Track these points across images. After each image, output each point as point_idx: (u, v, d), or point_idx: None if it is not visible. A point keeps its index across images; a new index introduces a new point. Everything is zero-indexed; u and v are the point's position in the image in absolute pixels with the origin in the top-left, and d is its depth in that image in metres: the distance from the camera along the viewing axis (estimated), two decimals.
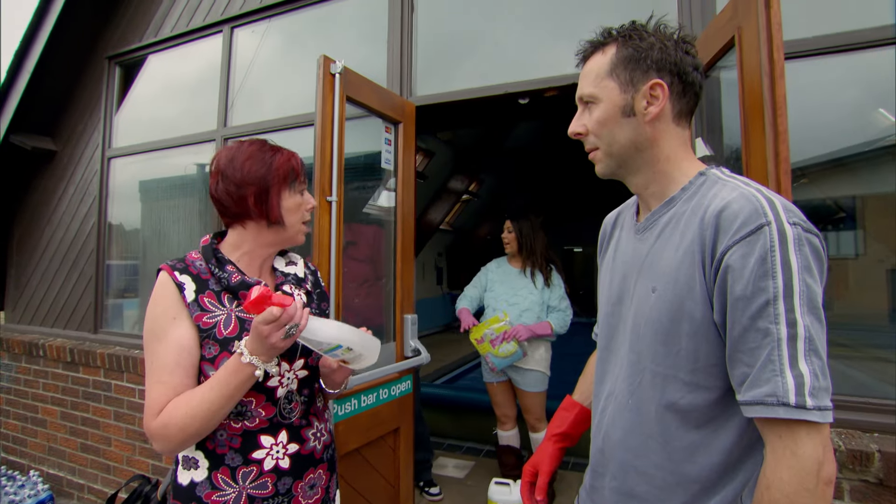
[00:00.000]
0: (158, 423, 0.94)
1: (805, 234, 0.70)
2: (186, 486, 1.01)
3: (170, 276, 1.02)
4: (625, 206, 1.06)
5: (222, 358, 0.98)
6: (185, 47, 3.20)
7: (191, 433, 0.93)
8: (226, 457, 1.00)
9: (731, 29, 1.37)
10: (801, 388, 0.65)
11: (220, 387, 0.93)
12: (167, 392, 0.95)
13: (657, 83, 0.83)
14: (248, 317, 1.04)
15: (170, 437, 0.93)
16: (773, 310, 0.67)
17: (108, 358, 2.97)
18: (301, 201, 1.11)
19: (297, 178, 1.09)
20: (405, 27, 2.42)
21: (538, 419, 2.76)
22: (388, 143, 2.18)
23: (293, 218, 1.09)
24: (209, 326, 1.00)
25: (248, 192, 1.04)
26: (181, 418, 0.93)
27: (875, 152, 1.76)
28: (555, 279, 2.80)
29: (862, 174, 1.80)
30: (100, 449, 3.07)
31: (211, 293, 1.03)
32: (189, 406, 0.93)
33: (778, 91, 1.19)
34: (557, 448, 1.11)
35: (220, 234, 1.14)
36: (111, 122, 3.40)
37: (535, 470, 1.09)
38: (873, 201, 1.89)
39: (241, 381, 0.94)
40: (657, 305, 0.81)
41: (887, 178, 1.77)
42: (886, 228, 1.78)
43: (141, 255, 3.29)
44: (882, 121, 1.77)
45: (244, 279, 1.04)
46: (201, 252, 1.07)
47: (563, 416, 1.14)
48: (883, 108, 1.75)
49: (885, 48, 1.65)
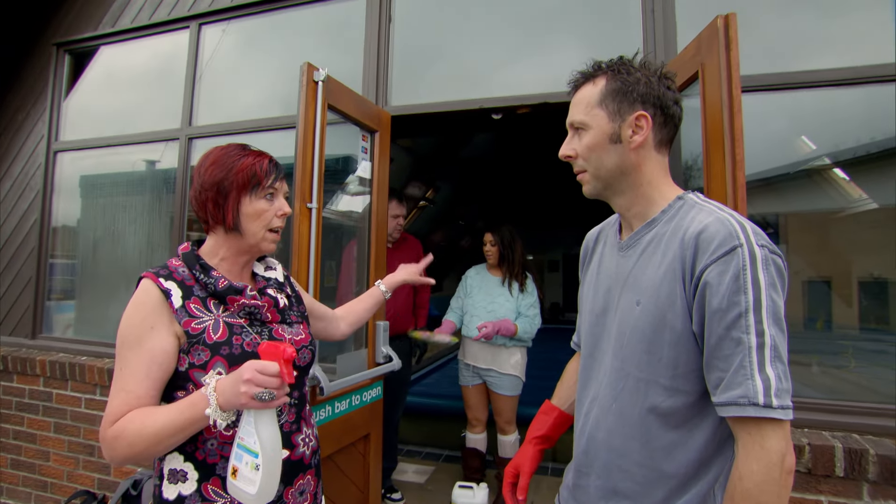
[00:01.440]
0: (112, 432, 0.93)
1: (771, 255, 0.80)
2: (174, 500, 0.99)
3: (154, 283, 1.00)
4: (606, 224, 1.14)
5: (214, 362, 0.98)
6: (146, 41, 3.06)
7: (139, 451, 0.91)
8: (217, 466, 0.99)
9: (695, 65, 1.51)
10: (768, 390, 0.74)
11: (175, 415, 0.91)
12: (129, 401, 0.94)
13: (642, 114, 0.91)
14: (237, 321, 1.04)
15: (117, 449, 0.92)
16: (745, 321, 0.77)
17: (49, 365, 2.77)
18: (266, 208, 1.06)
19: (261, 183, 1.05)
20: (382, 37, 2.45)
21: (508, 422, 2.84)
22: (365, 152, 2.20)
23: (253, 225, 1.05)
24: (198, 332, 0.99)
25: (207, 198, 1.04)
26: (130, 435, 0.91)
27: (797, 175, 1.97)
28: (529, 287, 2.91)
29: (785, 194, 2.00)
30: (35, 465, 2.85)
31: (196, 299, 1.02)
32: (142, 425, 0.91)
33: (736, 124, 1.33)
34: (538, 450, 1.18)
35: (199, 242, 1.13)
36: (58, 114, 3.19)
37: (517, 471, 1.15)
38: (793, 218, 2.10)
39: (193, 417, 0.91)
40: (641, 317, 0.89)
41: (806, 199, 1.99)
42: (804, 243, 2.00)
43: (90, 256, 3.09)
44: (804, 147, 1.99)
45: (231, 284, 1.03)
46: (182, 259, 1.06)
47: (542, 420, 1.21)
48: (805, 137, 1.99)
49: (813, 89, 1.90)
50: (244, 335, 1.02)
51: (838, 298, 1.93)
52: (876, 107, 1.90)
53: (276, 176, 1.08)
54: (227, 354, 0.99)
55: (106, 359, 2.77)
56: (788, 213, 2.04)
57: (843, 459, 1.63)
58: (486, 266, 3.02)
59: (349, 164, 2.31)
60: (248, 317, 1.06)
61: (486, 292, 2.91)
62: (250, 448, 0.88)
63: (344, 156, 2.30)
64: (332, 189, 2.36)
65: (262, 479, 0.86)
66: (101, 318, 3.01)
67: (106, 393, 2.67)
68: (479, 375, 2.86)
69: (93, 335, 2.97)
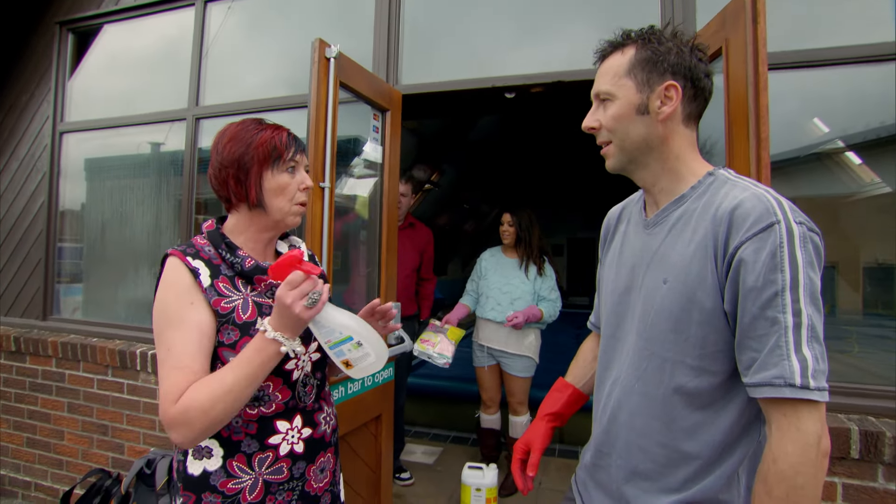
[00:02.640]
0: (178, 408, 0.88)
1: (809, 232, 0.77)
2: (199, 475, 0.99)
3: (182, 261, 0.98)
4: (629, 202, 1.11)
5: (243, 343, 0.97)
6: (150, 19, 3.00)
7: (213, 417, 0.88)
8: (242, 443, 0.99)
9: (719, 40, 1.46)
10: (805, 371, 0.73)
11: (244, 366, 0.90)
12: (188, 377, 0.91)
13: (672, 85, 0.88)
14: (266, 301, 1.03)
15: (191, 422, 0.87)
16: (781, 300, 0.74)
17: (61, 346, 2.79)
18: (289, 181, 1.03)
19: (282, 156, 1.02)
20: (393, 15, 2.39)
21: (521, 403, 2.88)
22: (376, 131, 2.17)
23: (278, 200, 1.03)
24: (227, 311, 0.98)
25: (228, 175, 1.02)
26: (203, 401, 0.87)
27: (807, 158, 1.93)
28: (547, 270, 2.93)
29: (795, 178, 1.97)
30: (50, 443, 2.89)
31: (224, 278, 1.00)
32: (211, 389, 0.89)
33: (762, 101, 1.30)
34: (549, 427, 1.16)
35: (222, 218, 1.10)
36: (63, 94, 3.15)
37: (528, 448, 1.14)
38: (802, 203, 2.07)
39: (266, 360, 0.91)
40: (669, 296, 0.87)
41: (817, 182, 1.95)
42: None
43: (97, 239, 3.09)
44: (816, 130, 1.95)
45: (258, 264, 1.02)
46: (208, 237, 1.04)
47: (556, 397, 1.19)
48: (818, 119, 1.94)
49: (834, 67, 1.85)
50: None
51: (844, 283, 1.92)
52: (892, 85, 1.85)
53: (296, 149, 1.06)
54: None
55: (117, 340, 2.78)
56: (798, 196, 2.01)
57: (858, 441, 1.62)
58: (502, 248, 3.02)
59: (358, 146, 2.28)
60: (274, 297, 1.04)
61: (501, 274, 2.91)
62: (340, 340, 0.93)
63: (353, 137, 2.26)
64: (342, 171, 2.34)
65: (371, 347, 0.94)
66: (110, 300, 3.02)
67: (118, 374, 2.69)
68: (494, 356, 2.89)
69: (102, 317, 2.98)
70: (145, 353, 2.60)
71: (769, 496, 0.74)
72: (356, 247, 2.44)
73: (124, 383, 2.68)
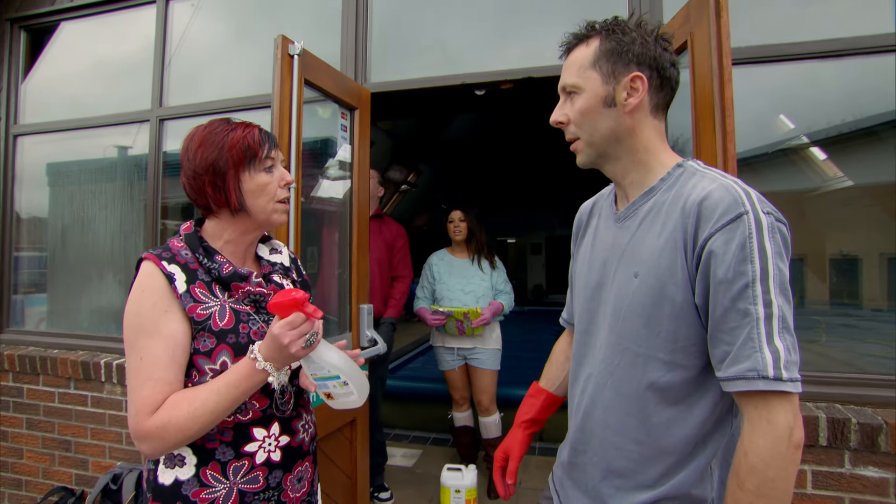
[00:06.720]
0: (155, 422, 0.87)
1: (776, 222, 0.77)
2: (170, 485, 0.94)
3: (157, 266, 0.93)
4: (600, 196, 1.10)
5: (219, 350, 0.93)
6: (109, 16, 2.88)
7: (190, 435, 0.88)
8: (216, 451, 0.95)
9: (684, 34, 1.47)
10: (777, 363, 0.72)
11: (231, 390, 0.89)
12: (163, 389, 0.89)
13: (637, 76, 0.87)
14: (243, 308, 0.99)
15: (166, 437, 0.87)
16: (752, 291, 0.73)
17: (18, 360, 2.65)
18: (268, 180, 1.00)
19: (257, 155, 0.98)
20: (360, 12, 2.35)
21: (491, 400, 2.90)
22: (344, 130, 2.13)
23: (260, 200, 0.99)
24: (203, 318, 0.94)
25: (204, 182, 0.97)
26: (181, 419, 0.87)
27: (774, 154, 1.97)
28: (498, 263, 3.01)
29: (763, 173, 2.00)
30: (7, 463, 2.75)
31: (201, 283, 0.96)
32: (192, 407, 0.88)
33: (727, 94, 1.31)
34: (527, 434, 1.16)
35: (201, 220, 1.06)
36: (17, 96, 3.00)
37: (507, 455, 1.14)
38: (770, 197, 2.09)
39: (252, 386, 0.91)
40: (640, 290, 0.86)
41: (784, 177, 1.99)
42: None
43: (59, 246, 2.95)
44: (782, 127, 1.99)
45: (236, 270, 0.98)
46: (185, 241, 0.99)
47: (531, 403, 1.18)
48: (784, 115, 1.98)
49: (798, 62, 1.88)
50: (251, 323, 0.98)
51: (811, 275, 1.96)
52: (854, 83, 1.90)
53: (271, 145, 1.02)
54: (234, 343, 0.94)
55: (80, 351, 2.66)
56: (765, 192, 2.04)
57: (826, 429, 1.65)
58: (448, 249, 3.04)
59: (328, 147, 2.23)
60: (253, 304, 1.01)
61: (458, 275, 2.93)
62: (328, 376, 0.95)
63: (323, 138, 2.22)
64: (312, 172, 2.28)
65: (355, 386, 0.96)
66: (74, 309, 2.89)
67: (81, 386, 2.57)
68: (463, 356, 2.91)
69: (66, 327, 2.85)
70: (110, 364, 2.49)
71: (741, 489, 0.74)
72: (330, 248, 2.39)
73: (88, 395, 2.57)
